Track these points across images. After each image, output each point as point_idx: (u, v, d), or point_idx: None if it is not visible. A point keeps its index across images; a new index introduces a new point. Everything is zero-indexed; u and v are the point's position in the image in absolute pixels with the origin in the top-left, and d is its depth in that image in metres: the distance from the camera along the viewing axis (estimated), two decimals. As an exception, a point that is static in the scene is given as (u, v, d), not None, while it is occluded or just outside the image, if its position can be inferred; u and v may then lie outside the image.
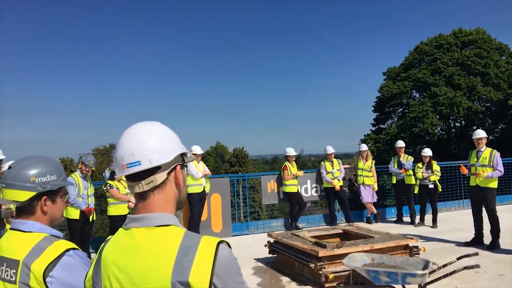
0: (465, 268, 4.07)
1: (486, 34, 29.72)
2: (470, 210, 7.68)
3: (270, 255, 6.69)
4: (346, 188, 10.33)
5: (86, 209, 6.91)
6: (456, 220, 9.89)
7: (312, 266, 5.22)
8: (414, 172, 9.65)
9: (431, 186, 9.26)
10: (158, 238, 1.14)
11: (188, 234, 1.15)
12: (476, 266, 4.08)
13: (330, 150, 9.91)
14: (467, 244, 7.34)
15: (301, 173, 9.66)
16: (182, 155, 1.29)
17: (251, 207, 11.72)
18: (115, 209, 7.20)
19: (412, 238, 5.85)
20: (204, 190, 8.41)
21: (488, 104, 28.66)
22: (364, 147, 10.33)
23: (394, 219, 10.20)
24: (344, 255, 4.74)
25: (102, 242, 1.29)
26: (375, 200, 10.09)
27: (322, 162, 10.08)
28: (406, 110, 29.99)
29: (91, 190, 7.22)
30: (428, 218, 9.46)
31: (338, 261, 5.17)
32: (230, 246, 1.16)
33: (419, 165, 9.48)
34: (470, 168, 7.49)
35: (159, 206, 1.20)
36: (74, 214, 6.79)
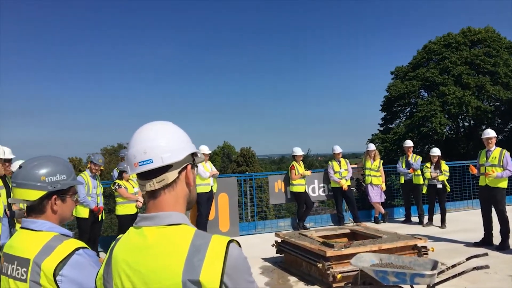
0: (474, 268, 4.04)
1: (496, 32, 29.43)
2: (479, 210, 7.62)
3: (278, 255, 6.69)
4: (353, 188, 10.30)
5: (96, 208, 6.97)
6: (465, 220, 9.82)
7: (319, 266, 5.21)
8: (422, 172, 9.60)
9: (440, 186, 9.20)
10: (169, 237, 1.15)
11: (198, 233, 1.16)
12: (485, 266, 4.05)
13: (338, 149, 9.89)
14: (476, 244, 7.29)
15: (308, 172, 9.64)
16: (193, 155, 1.30)
17: (259, 207, 11.75)
18: (123, 208, 7.25)
19: (420, 238, 5.81)
20: (211, 190, 8.43)
21: (497, 103, 28.39)
22: (372, 147, 10.29)
23: (402, 219, 10.15)
24: (352, 255, 4.73)
25: (110, 241, 1.30)
26: (383, 200, 10.05)
27: (329, 162, 10.06)
28: (414, 110, 29.82)
29: (100, 189, 7.28)
30: (436, 218, 9.40)
31: (346, 261, 5.15)
32: (240, 245, 1.16)
33: (428, 165, 9.42)
34: (479, 168, 7.43)
35: (170, 205, 1.21)
36: (84, 213, 6.85)
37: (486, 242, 7.26)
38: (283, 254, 6.52)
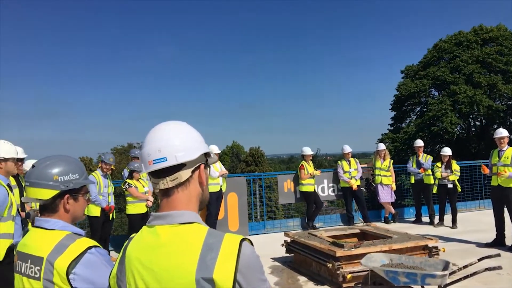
0: (486, 269, 3.99)
1: (508, 31, 28.97)
2: (491, 211, 7.54)
3: (287, 255, 6.68)
4: (363, 187, 10.25)
5: (107, 207, 7.03)
6: (476, 220, 9.71)
7: (329, 266, 5.19)
8: (433, 171, 9.51)
9: (450, 186, 9.12)
10: (182, 236, 1.16)
11: (211, 232, 1.17)
12: (497, 267, 4.01)
13: (347, 149, 9.85)
14: (488, 245, 7.21)
15: (318, 172, 9.62)
16: (206, 155, 1.32)
17: (268, 207, 11.73)
18: (134, 207, 7.29)
19: (431, 239, 5.76)
20: (220, 189, 8.46)
21: (509, 102, 27.98)
22: (382, 146, 10.22)
23: (413, 219, 10.07)
24: (362, 255, 4.71)
25: (121, 240, 1.31)
26: (393, 200, 9.98)
27: (339, 162, 10.02)
28: (425, 109, 29.50)
29: (111, 188, 7.35)
30: (447, 218, 9.31)
31: (356, 261, 5.13)
32: (252, 244, 1.17)
33: (438, 164, 9.34)
34: (491, 167, 7.35)
35: (183, 203, 1.22)
36: (95, 212, 6.91)
37: (498, 242, 7.18)
38: (293, 254, 6.52)
